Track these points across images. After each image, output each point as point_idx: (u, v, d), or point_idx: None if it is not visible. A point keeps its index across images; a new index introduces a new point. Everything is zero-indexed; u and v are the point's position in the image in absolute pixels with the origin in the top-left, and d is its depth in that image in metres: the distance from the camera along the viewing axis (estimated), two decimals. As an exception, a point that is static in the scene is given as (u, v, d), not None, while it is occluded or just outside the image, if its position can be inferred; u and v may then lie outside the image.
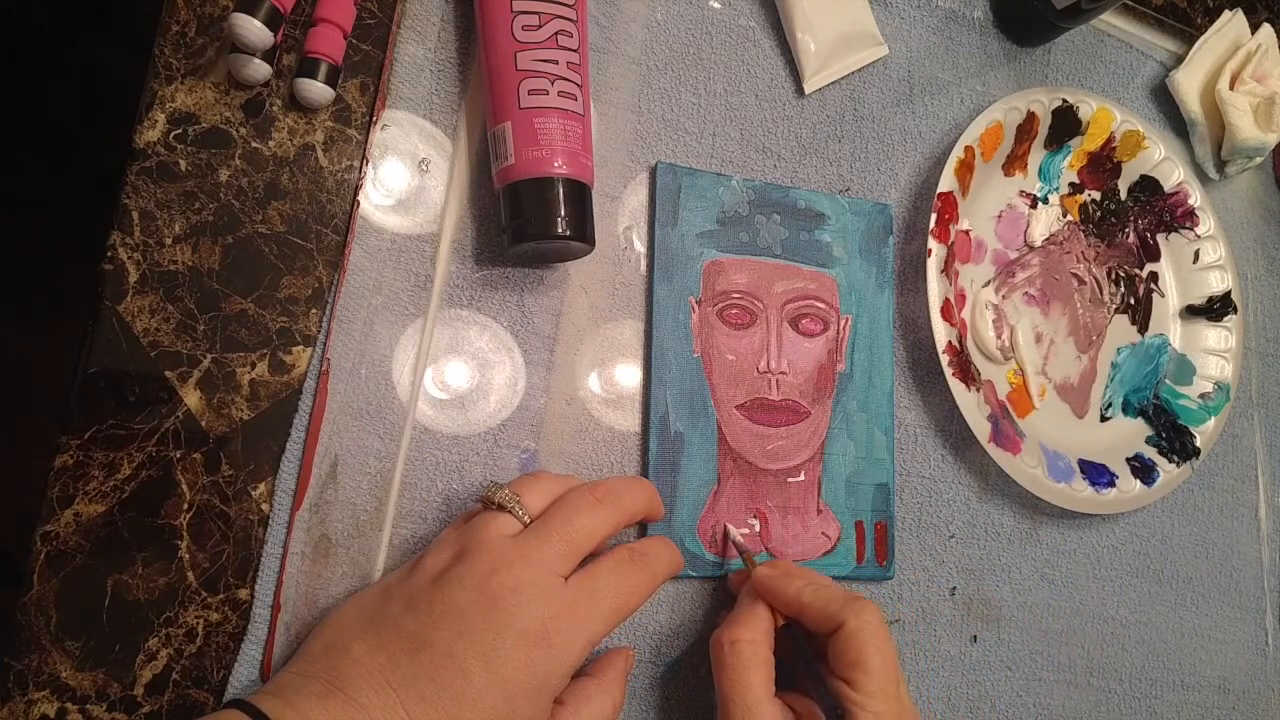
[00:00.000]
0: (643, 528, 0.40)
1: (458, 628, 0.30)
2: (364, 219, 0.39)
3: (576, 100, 0.38)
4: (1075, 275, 0.54)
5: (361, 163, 0.39)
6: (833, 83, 0.49)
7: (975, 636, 0.47)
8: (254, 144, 0.38)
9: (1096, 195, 0.55)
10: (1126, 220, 0.56)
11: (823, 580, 0.38)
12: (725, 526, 0.42)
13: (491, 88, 0.38)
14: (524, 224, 0.37)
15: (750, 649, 0.36)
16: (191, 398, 0.35)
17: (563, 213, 0.37)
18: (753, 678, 0.35)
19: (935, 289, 0.46)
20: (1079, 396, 0.53)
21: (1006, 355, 0.50)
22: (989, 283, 0.51)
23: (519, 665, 0.30)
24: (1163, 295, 0.56)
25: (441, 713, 0.29)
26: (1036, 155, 0.53)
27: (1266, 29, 0.59)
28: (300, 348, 0.37)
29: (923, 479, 0.47)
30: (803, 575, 0.38)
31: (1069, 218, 0.54)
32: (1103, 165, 0.55)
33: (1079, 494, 0.48)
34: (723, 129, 0.46)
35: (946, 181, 0.47)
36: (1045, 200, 0.53)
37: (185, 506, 0.35)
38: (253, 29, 0.35)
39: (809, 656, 0.37)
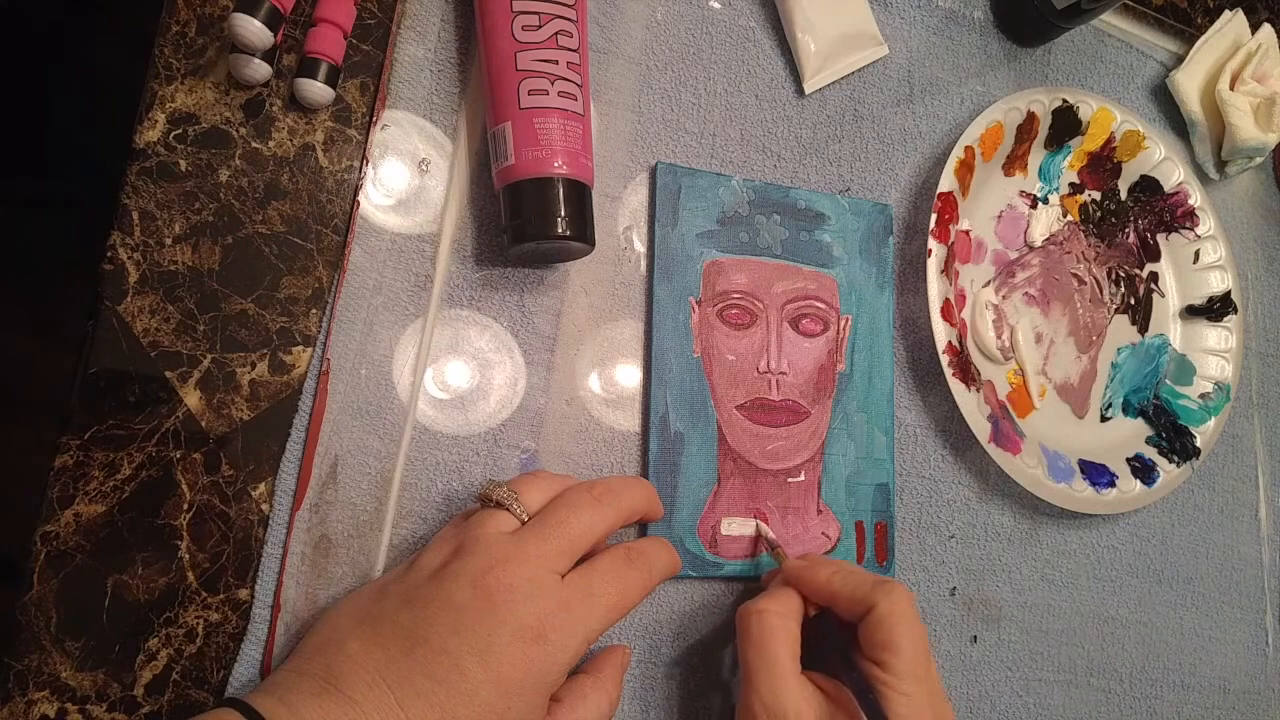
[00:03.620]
0: (642, 528, 0.40)
1: (454, 624, 0.30)
2: (364, 219, 0.39)
3: (576, 100, 0.38)
4: (1075, 275, 0.54)
5: (361, 163, 0.39)
6: (833, 83, 0.49)
7: (975, 636, 0.47)
8: (254, 144, 0.38)
9: (1096, 195, 0.55)
10: (1126, 220, 0.56)
11: (851, 568, 0.38)
12: (756, 523, 0.42)
13: (491, 88, 0.38)
14: (524, 224, 0.37)
15: (779, 620, 0.36)
16: (191, 398, 0.35)
17: (563, 213, 0.37)
18: (781, 649, 0.35)
19: (935, 289, 0.46)
20: (1079, 396, 0.53)
21: (1006, 355, 0.50)
22: (989, 283, 0.51)
23: (515, 661, 0.30)
24: (1163, 295, 0.56)
25: (436, 709, 0.29)
26: (1036, 155, 0.53)
27: (1266, 29, 0.59)
28: (300, 348, 0.37)
29: (923, 479, 0.47)
30: (831, 564, 0.39)
31: (1069, 218, 0.54)
32: (1103, 165, 0.55)
33: (1079, 494, 0.48)
34: (723, 129, 0.46)
35: (946, 181, 0.47)
36: (1045, 200, 0.53)
37: (185, 506, 0.35)
38: (253, 29, 0.35)
39: (839, 641, 0.37)
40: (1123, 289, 0.55)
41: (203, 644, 0.34)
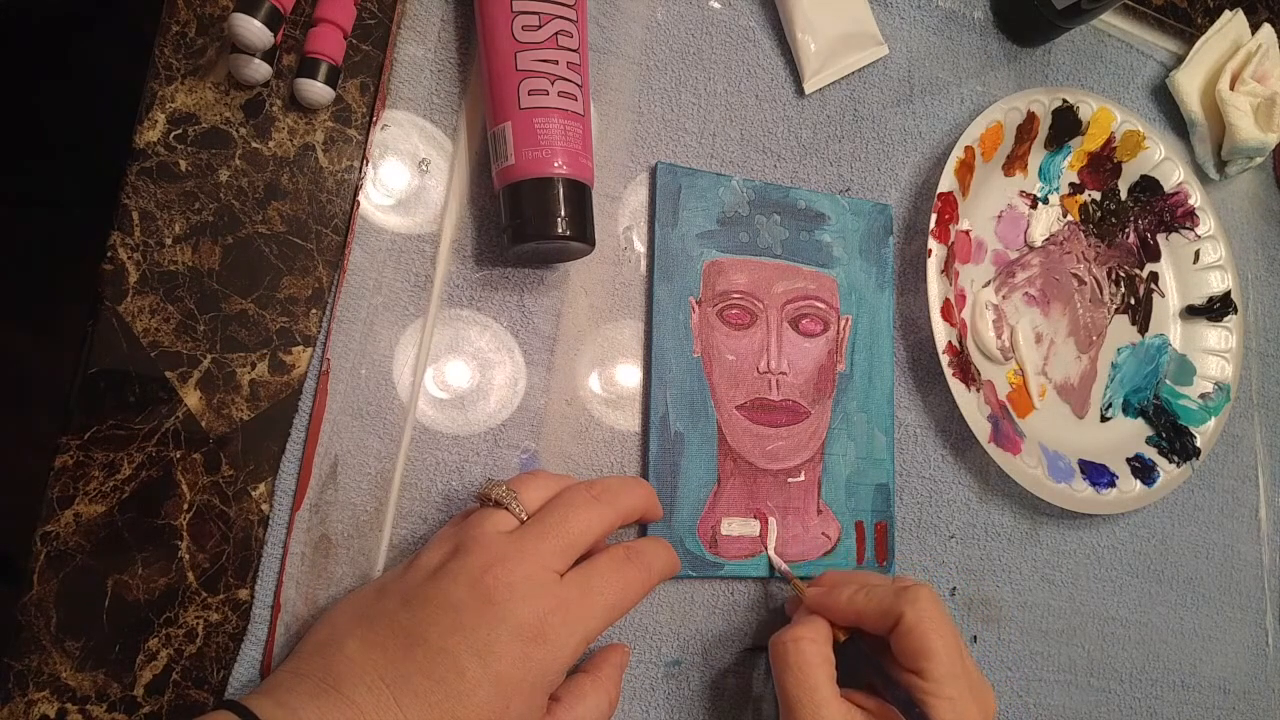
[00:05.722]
0: (642, 528, 0.41)
1: (452, 623, 0.30)
2: (364, 219, 0.39)
3: (576, 100, 0.38)
4: (1075, 275, 0.54)
5: (361, 163, 0.39)
6: (833, 83, 0.49)
7: (975, 636, 0.47)
8: (254, 144, 0.38)
9: (1097, 195, 0.55)
10: (1127, 220, 0.56)
11: (873, 580, 0.39)
12: (768, 555, 0.42)
13: (491, 88, 0.38)
14: (524, 224, 0.37)
15: (813, 647, 0.36)
16: (191, 398, 0.35)
17: (563, 213, 0.37)
18: (818, 675, 0.35)
19: (935, 289, 0.46)
20: (1079, 396, 0.53)
21: (1006, 355, 0.50)
22: (989, 283, 0.51)
23: (513, 661, 0.30)
24: (1163, 295, 0.56)
25: (435, 709, 0.29)
26: (1037, 155, 0.53)
27: (1266, 29, 0.59)
28: (300, 348, 0.37)
29: (923, 479, 0.47)
30: (851, 581, 0.39)
31: (1069, 218, 0.54)
32: (1103, 165, 0.55)
33: (1079, 494, 0.48)
34: (723, 129, 0.46)
35: (946, 181, 0.47)
36: (1045, 200, 0.53)
37: (185, 506, 0.35)
38: (253, 29, 0.35)
39: (872, 656, 0.37)
40: (1123, 289, 0.55)
41: (203, 644, 0.34)
